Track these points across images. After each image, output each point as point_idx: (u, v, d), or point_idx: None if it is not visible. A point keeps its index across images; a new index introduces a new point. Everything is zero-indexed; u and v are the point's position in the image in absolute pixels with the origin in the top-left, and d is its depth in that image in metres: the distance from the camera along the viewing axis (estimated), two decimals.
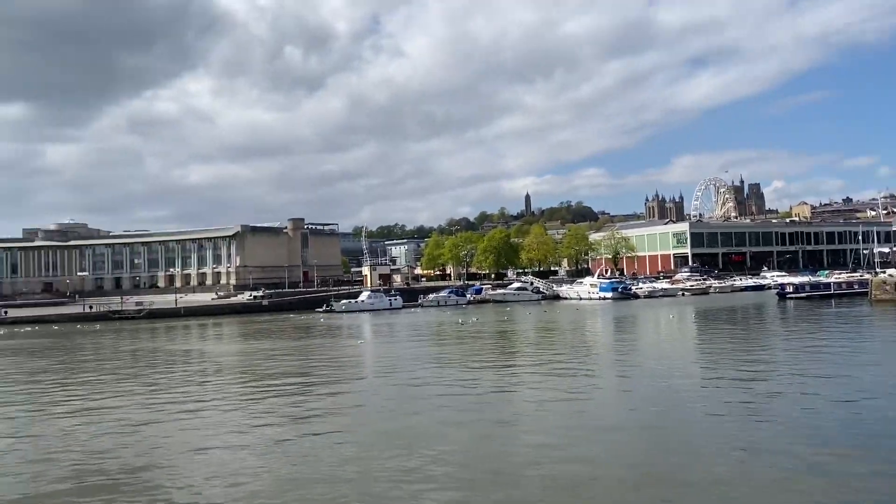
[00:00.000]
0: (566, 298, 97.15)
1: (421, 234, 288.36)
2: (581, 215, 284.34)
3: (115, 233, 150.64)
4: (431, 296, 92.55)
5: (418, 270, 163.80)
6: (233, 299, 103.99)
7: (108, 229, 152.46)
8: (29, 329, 74.55)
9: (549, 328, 53.03)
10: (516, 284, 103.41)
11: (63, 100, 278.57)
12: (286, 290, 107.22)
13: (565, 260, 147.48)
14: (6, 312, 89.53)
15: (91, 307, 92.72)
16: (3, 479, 15.09)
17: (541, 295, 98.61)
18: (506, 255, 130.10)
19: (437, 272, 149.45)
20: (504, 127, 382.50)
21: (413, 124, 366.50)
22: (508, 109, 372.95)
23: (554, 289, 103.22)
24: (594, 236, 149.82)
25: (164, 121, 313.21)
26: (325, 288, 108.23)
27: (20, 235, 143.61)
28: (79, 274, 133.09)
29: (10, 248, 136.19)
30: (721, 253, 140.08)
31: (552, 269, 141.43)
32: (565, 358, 32.62)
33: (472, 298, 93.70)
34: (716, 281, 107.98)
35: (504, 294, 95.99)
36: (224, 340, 53.89)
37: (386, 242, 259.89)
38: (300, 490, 13.56)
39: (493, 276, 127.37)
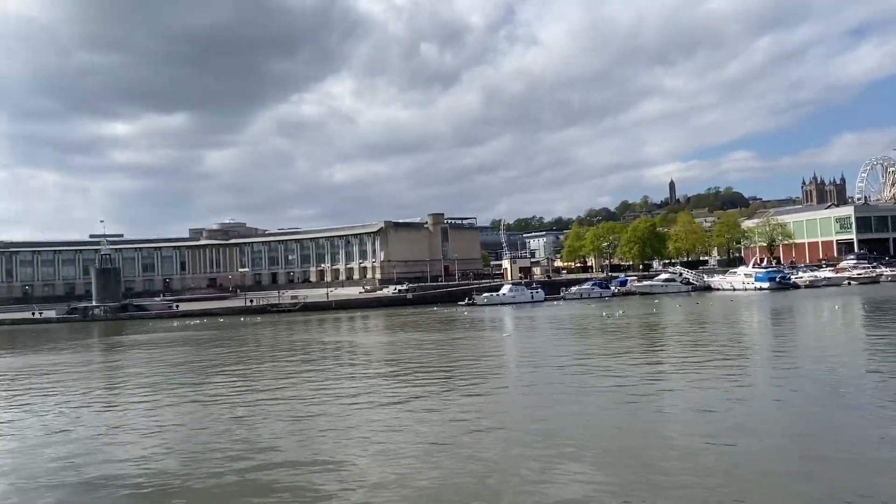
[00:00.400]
0: (718, 289, 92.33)
1: (559, 225, 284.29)
2: (730, 202, 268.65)
3: (271, 231, 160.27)
4: (574, 288, 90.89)
5: (558, 263, 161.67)
6: (379, 293, 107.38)
7: (265, 228, 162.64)
8: (198, 322, 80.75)
9: (701, 321, 50.34)
10: (664, 275, 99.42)
11: (219, 108, 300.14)
12: (429, 283, 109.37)
13: (715, 249, 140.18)
14: (177, 306, 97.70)
15: (251, 301, 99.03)
16: (172, 459, 16.11)
17: (691, 286, 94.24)
18: (651, 245, 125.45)
19: (578, 264, 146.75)
20: (644, 112, 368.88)
21: (549, 114, 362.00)
22: (648, 93, 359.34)
23: (705, 279, 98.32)
24: (747, 223, 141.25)
25: (309, 123, 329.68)
26: (465, 281, 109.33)
27: (187, 235, 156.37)
28: (239, 270, 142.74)
29: (178, 247, 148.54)
30: (892, 238, 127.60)
31: (701, 258, 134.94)
32: (718, 353, 30.61)
33: (616, 291, 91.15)
34: (887, 269, 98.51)
35: (651, 285, 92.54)
36: (375, 332, 55.45)
37: (524, 235, 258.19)
38: (456, 481, 13.45)
39: (638, 267, 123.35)
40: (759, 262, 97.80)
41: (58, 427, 20.91)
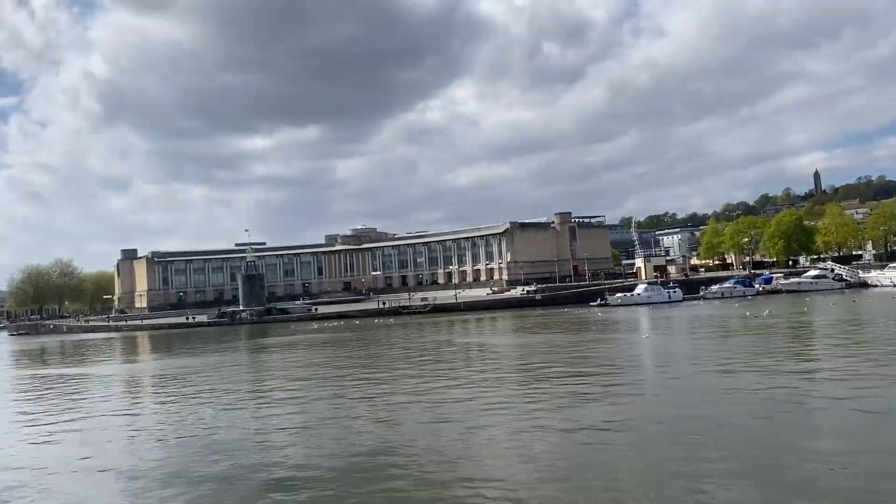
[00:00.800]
0: (876, 286, 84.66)
1: (694, 221, 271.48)
2: (884, 191, 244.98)
3: (400, 235, 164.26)
4: (714, 287, 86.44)
5: (694, 261, 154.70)
6: (507, 294, 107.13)
7: (394, 232, 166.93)
8: (336, 324, 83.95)
9: (860, 321, 46.15)
10: (813, 272, 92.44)
11: (348, 119, 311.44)
12: (558, 284, 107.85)
13: (870, 243, 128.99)
14: (316, 309, 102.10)
15: (384, 303, 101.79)
16: (317, 451, 16.50)
17: (844, 283, 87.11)
18: (797, 240, 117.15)
19: (716, 262, 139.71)
20: (783, 99, 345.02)
21: (680, 106, 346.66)
22: (787, 79, 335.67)
23: (860, 276, 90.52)
24: None
25: (434, 129, 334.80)
26: (596, 281, 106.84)
27: (323, 241, 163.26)
28: (372, 273, 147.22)
29: (315, 252, 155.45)
30: None
31: (853, 253, 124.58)
32: (882, 358, 27.68)
33: (760, 289, 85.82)
34: None
35: (799, 283, 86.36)
36: (506, 334, 55.19)
37: (656, 232, 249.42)
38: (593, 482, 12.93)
39: (782, 263, 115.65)
40: None
41: (215, 423, 22.17)
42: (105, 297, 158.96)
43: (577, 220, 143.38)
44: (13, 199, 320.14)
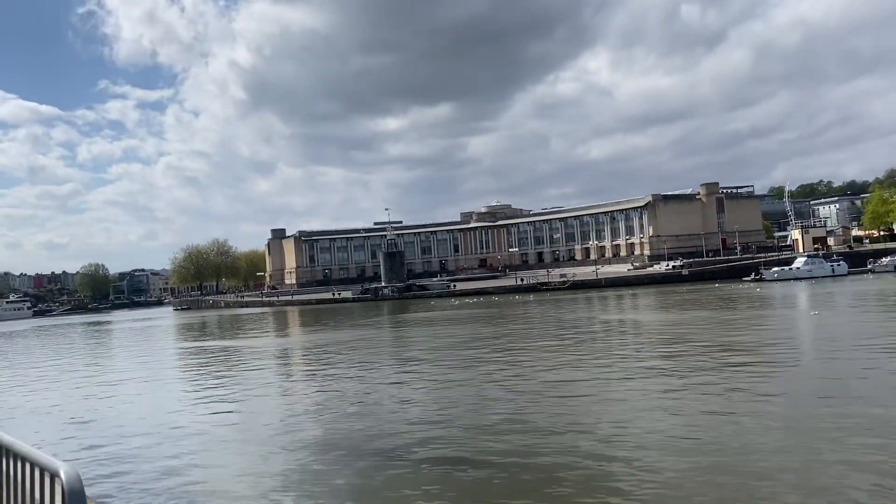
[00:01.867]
0: None
1: (853, 189, 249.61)
2: None
3: (535, 211, 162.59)
4: (885, 259, 78.67)
5: (856, 231, 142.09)
6: (650, 269, 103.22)
7: (529, 208, 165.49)
8: (474, 300, 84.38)
9: None
10: None
11: (478, 96, 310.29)
12: (705, 258, 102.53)
13: None
14: (454, 286, 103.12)
15: (522, 280, 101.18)
16: (446, 429, 16.13)
17: None
18: None
19: (884, 232, 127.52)
20: None
21: (833, 65, 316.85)
22: None
23: None
24: None
25: (566, 101, 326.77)
26: (748, 255, 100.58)
27: (458, 219, 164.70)
28: (508, 250, 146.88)
29: (451, 230, 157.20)
30: None
31: None
32: None
33: None
34: None
35: None
36: (655, 310, 52.74)
37: (811, 202, 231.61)
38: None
39: None
40: None
41: (354, 396, 22.60)
42: (258, 273, 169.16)
43: (724, 190, 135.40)
44: (172, 185, 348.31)
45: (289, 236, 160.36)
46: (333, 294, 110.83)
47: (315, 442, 16.98)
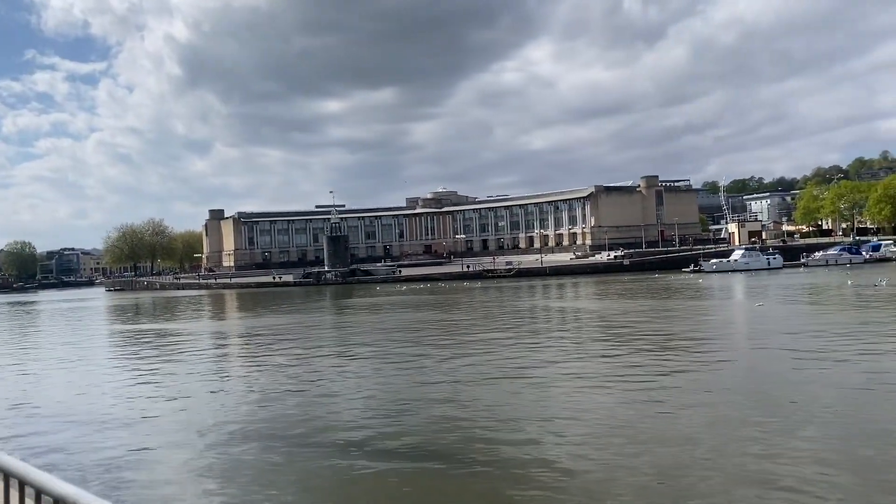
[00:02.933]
0: None
1: (783, 186, 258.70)
2: None
3: (480, 198, 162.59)
4: (818, 254, 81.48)
5: (786, 226, 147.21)
6: (592, 259, 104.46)
7: (474, 195, 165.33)
8: (421, 286, 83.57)
9: None
10: None
11: (423, 81, 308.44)
12: (646, 249, 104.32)
13: None
14: (400, 271, 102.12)
15: (468, 266, 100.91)
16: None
17: None
18: None
19: (810, 228, 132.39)
20: (880, 57, 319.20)
21: (766, 64, 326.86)
22: (886, 35, 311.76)
23: None
24: None
25: (509, 91, 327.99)
26: (685, 247, 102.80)
27: (403, 204, 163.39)
28: (456, 237, 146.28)
29: (397, 215, 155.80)
30: None
31: None
32: None
33: (868, 256, 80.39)
34: None
35: None
36: (600, 299, 52.99)
37: (744, 197, 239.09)
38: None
39: (888, 230, 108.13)
40: None
41: (294, 383, 21.60)
42: (195, 255, 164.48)
43: (663, 183, 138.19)
44: (104, 162, 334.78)
45: (227, 217, 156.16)
46: (274, 277, 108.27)
47: (249, 431, 16.10)
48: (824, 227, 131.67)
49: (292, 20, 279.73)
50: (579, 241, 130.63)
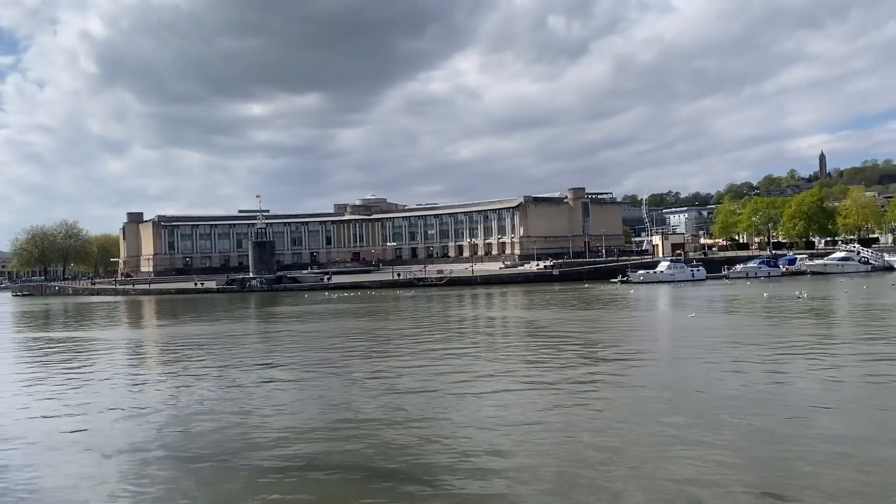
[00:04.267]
0: None
1: (697, 200, 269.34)
2: (890, 176, 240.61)
3: (410, 206, 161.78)
4: (739, 266, 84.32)
5: (704, 240, 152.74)
6: (524, 268, 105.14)
7: (404, 203, 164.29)
8: (350, 294, 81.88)
9: None
10: (839, 254, 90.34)
11: (349, 88, 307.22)
12: (576, 259, 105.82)
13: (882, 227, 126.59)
14: (329, 279, 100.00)
15: (399, 275, 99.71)
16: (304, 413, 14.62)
17: (870, 266, 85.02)
18: (818, 221, 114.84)
19: (727, 241, 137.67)
20: (788, 80, 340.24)
21: (684, 83, 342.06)
22: (793, 60, 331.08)
23: (885, 259, 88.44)
24: None
25: (436, 100, 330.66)
26: (612, 258, 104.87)
27: (329, 210, 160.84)
28: (387, 244, 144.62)
29: (324, 221, 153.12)
30: None
31: (869, 237, 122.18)
32: None
33: (785, 270, 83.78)
34: None
35: (825, 265, 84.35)
36: (538, 308, 52.75)
37: (662, 210, 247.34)
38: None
39: (801, 245, 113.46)
40: None
41: (214, 396, 20.28)
42: (112, 259, 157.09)
43: (589, 196, 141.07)
44: (11, 160, 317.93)
45: (147, 221, 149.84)
46: (196, 284, 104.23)
47: (158, 453, 14.96)
48: (740, 241, 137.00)
49: (214, 21, 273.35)
50: (508, 251, 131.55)
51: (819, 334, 30.70)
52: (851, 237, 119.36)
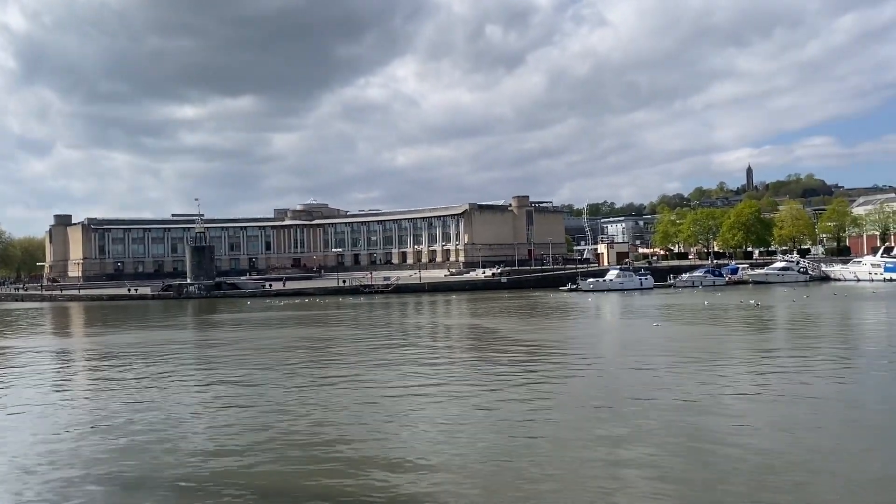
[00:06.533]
0: (838, 280, 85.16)
1: (633, 210, 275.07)
2: (812, 190, 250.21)
3: (352, 212, 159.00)
4: (685, 276, 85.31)
5: (642, 249, 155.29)
6: (469, 276, 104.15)
7: (346, 209, 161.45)
8: (295, 301, 79.06)
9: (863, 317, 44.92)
10: (779, 263, 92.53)
11: (285, 91, 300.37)
12: (523, 267, 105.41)
13: (822, 237, 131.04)
14: (270, 285, 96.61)
15: (344, 281, 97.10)
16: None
17: (808, 276, 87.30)
18: (756, 231, 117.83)
19: (664, 251, 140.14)
20: (715, 95, 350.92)
21: (616, 96, 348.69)
22: (720, 76, 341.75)
23: (822, 269, 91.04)
24: (857, 210, 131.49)
25: (374, 106, 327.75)
26: (558, 266, 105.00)
27: (269, 215, 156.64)
28: (333, 250, 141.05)
29: (264, 226, 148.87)
30: None
31: (802, 247, 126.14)
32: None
33: (728, 279, 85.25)
34: None
35: (766, 274, 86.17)
36: (492, 316, 51.63)
37: (601, 220, 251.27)
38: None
39: (739, 255, 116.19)
40: (889, 249, 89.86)
41: (146, 412, 18.32)
42: (38, 264, 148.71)
43: (533, 204, 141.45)
44: None
45: (76, 223, 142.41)
46: (129, 290, 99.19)
47: (83, 467, 14.06)
48: (676, 250, 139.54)
49: (143, 19, 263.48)
50: (452, 258, 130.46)
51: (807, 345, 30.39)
52: (785, 248, 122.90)
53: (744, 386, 20.62)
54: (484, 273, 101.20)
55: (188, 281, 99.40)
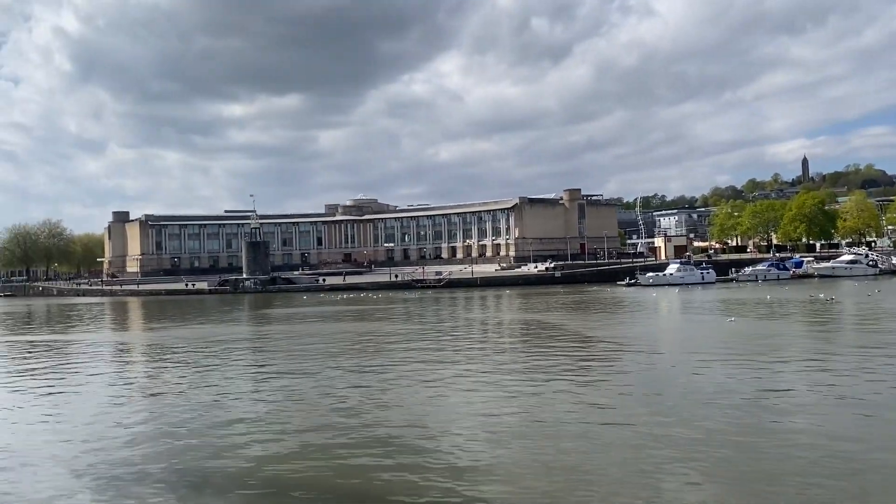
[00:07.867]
0: None
1: (683, 203, 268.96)
2: (872, 181, 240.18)
3: (402, 207, 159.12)
4: (748, 269, 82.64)
5: (697, 243, 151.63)
6: (521, 270, 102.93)
7: (395, 204, 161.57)
8: (352, 296, 79.07)
9: None
10: (847, 256, 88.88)
11: (331, 89, 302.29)
12: (577, 262, 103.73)
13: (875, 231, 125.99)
14: (324, 280, 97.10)
15: (396, 276, 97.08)
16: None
17: (878, 269, 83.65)
18: (819, 224, 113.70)
19: (721, 244, 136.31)
20: (767, 85, 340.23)
21: (664, 87, 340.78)
22: (772, 65, 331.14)
23: (893, 262, 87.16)
24: None
25: (418, 102, 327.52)
26: (613, 260, 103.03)
27: (320, 211, 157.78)
28: (378, 246, 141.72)
29: (315, 222, 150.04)
30: None
31: (866, 240, 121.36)
32: None
33: (792, 273, 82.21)
34: None
35: (833, 268, 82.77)
36: (558, 312, 50.46)
37: (654, 213, 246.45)
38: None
39: (802, 248, 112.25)
40: None
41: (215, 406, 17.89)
42: (98, 259, 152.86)
43: (585, 197, 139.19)
44: None
45: (133, 220, 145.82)
46: (186, 285, 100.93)
47: (141, 471, 13.66)
48: (732, 243, 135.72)
49: (193, 20, 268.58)
50: (503, 253, 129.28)
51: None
52: (849, 240, 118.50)
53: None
54: (536, 267, 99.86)
55: (244, 276, 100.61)
